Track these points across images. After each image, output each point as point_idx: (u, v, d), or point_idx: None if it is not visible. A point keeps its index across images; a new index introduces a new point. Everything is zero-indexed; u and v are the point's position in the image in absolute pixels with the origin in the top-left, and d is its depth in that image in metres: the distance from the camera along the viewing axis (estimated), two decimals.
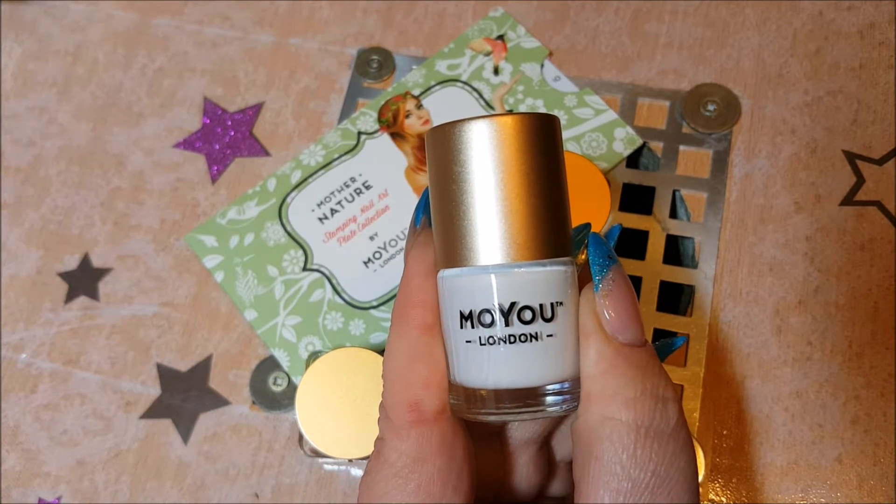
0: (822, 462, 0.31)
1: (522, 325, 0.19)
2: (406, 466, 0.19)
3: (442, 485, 0.19)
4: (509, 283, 0.19)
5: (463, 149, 0.19)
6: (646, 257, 0.34)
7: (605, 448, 0.17)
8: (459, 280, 0.19)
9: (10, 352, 0.36)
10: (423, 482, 0.19)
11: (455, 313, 0.19)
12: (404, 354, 0.20)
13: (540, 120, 0.19)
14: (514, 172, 0.19)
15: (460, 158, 0.19)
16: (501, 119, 0.19)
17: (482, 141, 0.19)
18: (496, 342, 0.19)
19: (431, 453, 0.19)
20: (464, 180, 0.19)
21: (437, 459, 0.19)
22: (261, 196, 0.37)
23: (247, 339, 0.35)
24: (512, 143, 0.19)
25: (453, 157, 0.19)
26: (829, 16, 0.38)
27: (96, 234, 0.37)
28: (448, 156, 0.19)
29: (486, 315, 0.19)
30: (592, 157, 0.36)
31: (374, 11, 0.40)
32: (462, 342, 0.19)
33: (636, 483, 0.17)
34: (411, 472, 0.19)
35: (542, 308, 0.19)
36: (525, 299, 0.19)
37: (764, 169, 0.35)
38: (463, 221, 0.19)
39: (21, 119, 0.40)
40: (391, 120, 0.38)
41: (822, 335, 0.32)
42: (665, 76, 0.37)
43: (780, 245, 0.34)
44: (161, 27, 0.41)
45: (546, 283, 0.19)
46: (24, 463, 0.34)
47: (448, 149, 0.19)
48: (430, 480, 0.19)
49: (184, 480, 0.33)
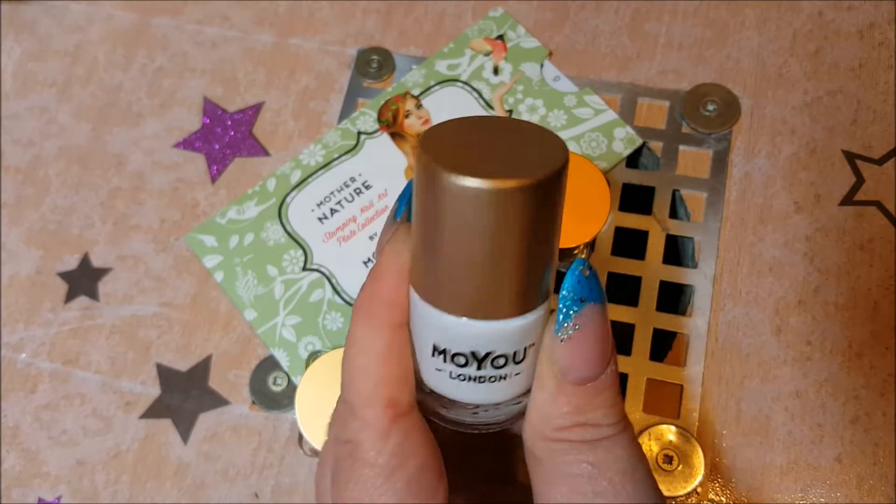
0: (821, 462, 0.31)
1: (494, 369, 0.19)
2: (390, 464, 0.19)
3: (432, 476, 0.19)
4: (489, 336, 0.18)
5: (455, 200, 0.16)
6: (645, 257, 0.34)
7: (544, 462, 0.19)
8: (437, 317, 0.18)
9: (9, 352, 0.36)
10: (413, 476, 0.19)
11: (428, 341, 0.19)
12: (375, 352, 0.19)
13: (546, 186, 0.16)
14: (507, 238, 0.17)
15: (450, 207, 0.16)
16: (504, 188, 0.15)
17: (478, 204, 0.16)
18: (466, 379, 0.19)
19: (416, 447, 0.19)
20: (451, 228, 0.17)
21: (422, 452, 0.19)
22: (260, 196, 0.37)
23: (246, 339, 0.35)
24: (510, 213, 0.16)
25: (443, 202, 0.16)
26: (828, 16, 0.38)
27: (96, 234, 0.37)
28: (438, 197, 0.16)
29: (460, 357, 0.19)
30: (592, 156, 0.36)
31: (373, 11, 0.40)
32: (432, 367, 0.19)
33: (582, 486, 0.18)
34: (398, 469, 0.19)
35: (516, 354, 0.19)
36: (501, 349, 0.18)
37: (764, 169, 0.35)
38: (445, 264, 0.17)
39: (21, 119, 0.40)
40: (391, 120, 0.38)
41: (821, 335, 0.32)
42: (665, 76, 0.37)
43: (780, 245, 0.34)
44: (161, 27, 0.41)
45: (523, 333, 0.18)
46: (23, 463, 0.34)
47: (439, 188, 0.16)
48: (420, 473, 0.19)
49: (183, 480, 0.33)
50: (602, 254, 0.35)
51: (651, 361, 0.33)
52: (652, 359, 0.33)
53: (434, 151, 0.16)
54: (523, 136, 0.17)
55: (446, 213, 0.16)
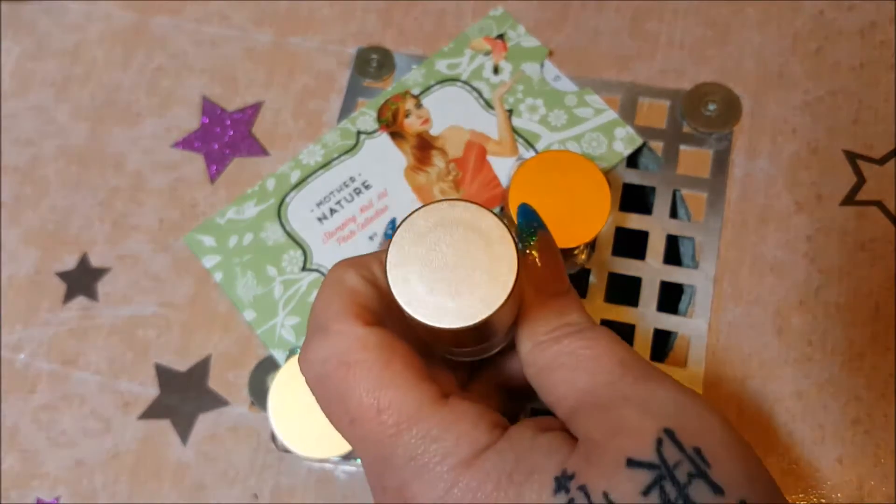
0: (822, 463, 0.30)
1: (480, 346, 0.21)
2: (382, 357, 0.20)
3: (423, 365, 0.20)
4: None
5: (418, 323, 0.19)
6: (646, 257, 0.34)
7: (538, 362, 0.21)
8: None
9: (8, 352, 0.36)
10: (407, 361, 0.20)
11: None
12: (342, 284, 0.21)
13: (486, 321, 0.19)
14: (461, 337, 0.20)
15: (415, 323, 0.19)
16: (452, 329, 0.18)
17: (433, 329, 0.19)
18: (457, 353, 0.22)
19: (398, 344, 0.20)
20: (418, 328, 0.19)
21: (406, 348, 0.20)
22: (260, 196, 0.37)
23: (246, 339, 0.35)
24: (461, 333, 0.19)
25: (409, 318, 0.19)
26: (829, 15, 0.37)
27: (95, 234, 0.37)
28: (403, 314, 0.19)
29: (447, 347, 0.21)
30: (592, 156, 0.36)
31: (373, 10, 0.40)
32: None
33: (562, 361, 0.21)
34: (391, 360, 0.20)
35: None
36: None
37: (765, 169, 0.35)
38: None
39: (19, 118, 0.40)
40: (391, 119, 0.38)
41: (822, 335, 0.32)
42: (665, 75, 0.37)
43: (781, 245, 0.34)
44: (160, 26, 0.41)
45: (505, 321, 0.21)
46: (22, 463, 0.34)
47: (405, 314, 0.19)
48: (413, 358, 0.20)
49: (182, 481, 0.33)
50: (602, 254, 0.34)
51: (652, 362, 0.33)
52: (653, 359, 0.33)
53: (399, 288, 0.19)
54: (478, 256, 0.19)
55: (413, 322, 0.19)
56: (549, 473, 0.18)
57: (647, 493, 0.17)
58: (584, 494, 0.17)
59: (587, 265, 0.34)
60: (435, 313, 0.18)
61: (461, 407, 0.19)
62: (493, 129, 0.37)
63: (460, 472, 0.18)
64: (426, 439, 0.19)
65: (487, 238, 0.19)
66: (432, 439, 0.19)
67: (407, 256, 0.19)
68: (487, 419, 0.20)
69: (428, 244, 0.19)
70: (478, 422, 0.19)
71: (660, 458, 0.17)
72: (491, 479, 0.18)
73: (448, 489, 0.18)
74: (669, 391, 0.19)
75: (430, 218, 0.19)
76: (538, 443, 0.19)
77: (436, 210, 0.19)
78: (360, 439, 0.20)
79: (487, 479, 0.18)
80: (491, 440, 0.19)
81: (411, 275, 0.18)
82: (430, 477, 0.18)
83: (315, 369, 0.20)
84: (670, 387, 0.19)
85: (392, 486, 0.19)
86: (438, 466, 0.18)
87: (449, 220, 0.19)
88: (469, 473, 0.18)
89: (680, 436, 0.18)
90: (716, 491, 0.17)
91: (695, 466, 0.17)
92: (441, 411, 0.19)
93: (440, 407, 0.19)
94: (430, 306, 0.18)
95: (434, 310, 0.18)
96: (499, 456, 0.19)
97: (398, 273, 0.19)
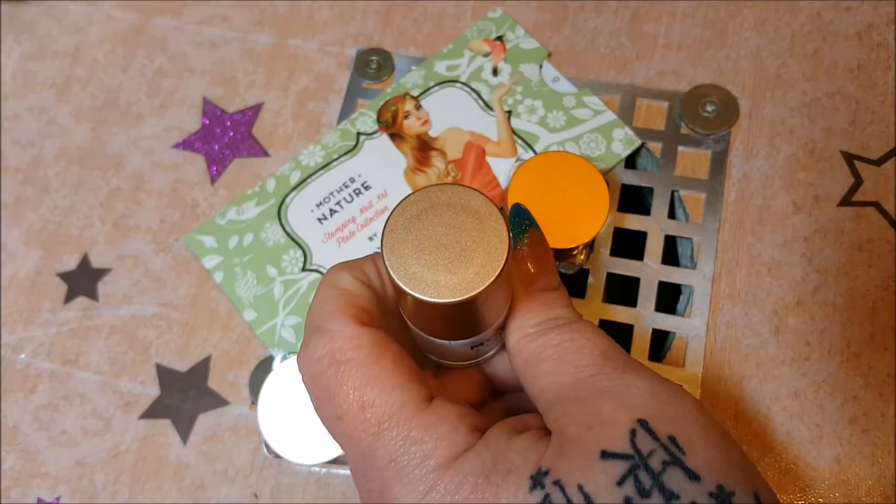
0: (820, 462, 0.31)
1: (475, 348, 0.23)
2: (373, 354, 0.20)
3: (414, 364, 0.21)
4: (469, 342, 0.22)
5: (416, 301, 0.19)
6: (644, 258, 0.34)
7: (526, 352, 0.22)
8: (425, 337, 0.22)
9: (9, 352, 0.36)
10: (398, 359, 0.20)
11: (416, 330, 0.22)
12: (337, 287, 0.21)
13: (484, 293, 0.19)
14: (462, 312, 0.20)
15: (413, 302, 0.20)
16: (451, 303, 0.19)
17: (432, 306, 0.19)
18: (452, 348, 0.23)
19: (391, 343, 0.21)
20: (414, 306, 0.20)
21: (398, 348, 0.21)
22: (260, 196, 0.37)
23: (246, 339, 0.35)
24: (460, 308, 0.20)
25: (408, 299, 0.20)
26: (827, 17, 0.38)
27: (95, 235, 0.37)
28: (402, 296, 0.20)
29: (441, 350, 0.22)
30: (591, 157, 0.36)
31: (373, 12, 0.40)
32: (420, 334, 0.23)
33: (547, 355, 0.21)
34: (381, 357, 0.20)
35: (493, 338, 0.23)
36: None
37: (762, 169, 0.35)
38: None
39: (20, 119, 0.40)
40: (390, 120, 0.38)
41: (820, 335, 0.32)
42: (664, 77, 0.37)
43: (779, 245, 0.34)
44: (160, 28, 0.41)
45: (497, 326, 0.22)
46: (23, 463, 0.34)
47: (403, 294, 0.20)
48: (403, 357, 0.21)
49: (183, 480, 0.33)
50: (601, 254, 0.35)
51: (650, 362, 0.33)
52: (651, 359, 0.33)
53: (396, 268, 0.19)
54: (470, 233, 0.20)
55: (411, 304, 0.20)
56: (525, 472, 0.18)
57: (622, 483, 0.17)
58: (560, 489, 0.18)
59: (586, 265, 0.35)
60: (433, 289, 0.19)
61: (443, 409, 0.20)
62: (493, 130, 0.37)
63: (439, 474, 0.19)
64: (406, 441, 0.19)
65: (478, 215, 0.19)
66: (412, 441, 0.19)
67: (402, 239, 0.19)
68: (467, 422, 0.20)
69: (421, 226, 0.19)
70: (458, 424, 0.20)
71: (633, 448, 0.18)
72: (469, 482, 0.18)
73: (427, 492, 0.19)
74: (646, 381, 0.20)
75: (422, 201, 0.20)
76: (514, 443, 0.19)
77: (426, 194, 0.20)
78: (346, 436, 0.20)
79: (465, 481, 0.19)
80: (469, 443, 0.19)
81: (407, 256, 0.19)
82: (410, 479, 0.19)
83: (311, 367, 0.21)
84: (647, 377, 0.20)
85: (375, 489, 0.20)
86: (418, 469, 0.19)
87: (440, 202, 0.19)
88: (448, 476, 0.19)
89: (654, 425, 0.18)
90: (692, 477, 0.17)
91: (669, 454, 0.18)
92: (422, 413, 0.20)
93: (422, 409, 0.20)
94: (427, 283, 0.19)
95: (432, 286, 0.19)
96: (477, 458, 0.19)
97: (394, 255, 0.19)
